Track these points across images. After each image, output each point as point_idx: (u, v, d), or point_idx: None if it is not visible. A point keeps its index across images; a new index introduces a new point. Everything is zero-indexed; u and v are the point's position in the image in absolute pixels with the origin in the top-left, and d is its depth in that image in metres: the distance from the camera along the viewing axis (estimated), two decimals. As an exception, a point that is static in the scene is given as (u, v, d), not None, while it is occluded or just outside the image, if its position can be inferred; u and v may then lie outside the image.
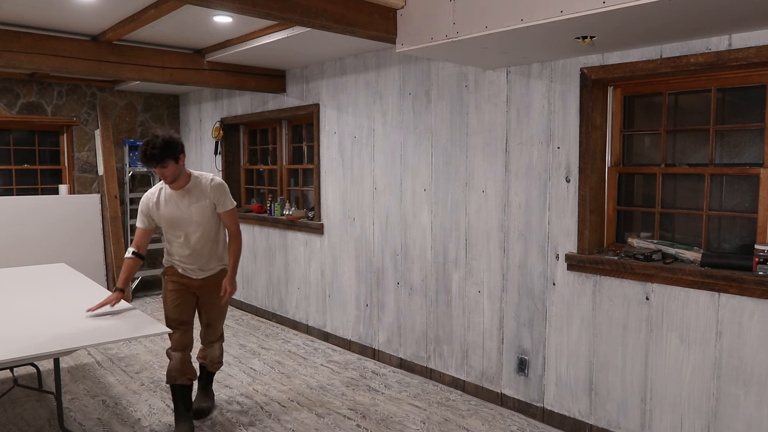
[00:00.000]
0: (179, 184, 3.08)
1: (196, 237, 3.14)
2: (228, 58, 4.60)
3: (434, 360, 4.06)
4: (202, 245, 3.16)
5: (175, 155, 2.96)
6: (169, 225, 3.13)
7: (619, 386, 3.07)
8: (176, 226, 3.12)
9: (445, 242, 3.91)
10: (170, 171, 2.97)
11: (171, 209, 3.10)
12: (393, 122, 4.21)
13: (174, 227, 3.13)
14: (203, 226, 3.14)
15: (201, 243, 3.16)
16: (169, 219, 3.11)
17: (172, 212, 3.10)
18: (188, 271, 3.20)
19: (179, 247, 3.16)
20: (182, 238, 3.14)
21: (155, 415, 3.49)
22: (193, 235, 3.13)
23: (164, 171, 2.95)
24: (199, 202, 3.11)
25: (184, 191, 3.10)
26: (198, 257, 3.18)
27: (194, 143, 6.72)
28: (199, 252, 3.17)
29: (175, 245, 3.17)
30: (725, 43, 2.61)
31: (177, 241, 3.15)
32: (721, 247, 2.91)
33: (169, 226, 3.13)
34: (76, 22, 3.75)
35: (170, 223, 3.12)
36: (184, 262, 3.18)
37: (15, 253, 5.66)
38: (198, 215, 3.12)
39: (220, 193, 3.18)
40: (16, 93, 5.82)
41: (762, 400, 2.58)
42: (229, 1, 2.49)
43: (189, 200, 3.10)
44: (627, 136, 3.23)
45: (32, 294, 3.50)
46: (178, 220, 3.11)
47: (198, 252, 3.17)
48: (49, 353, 2.50)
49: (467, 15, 2.68)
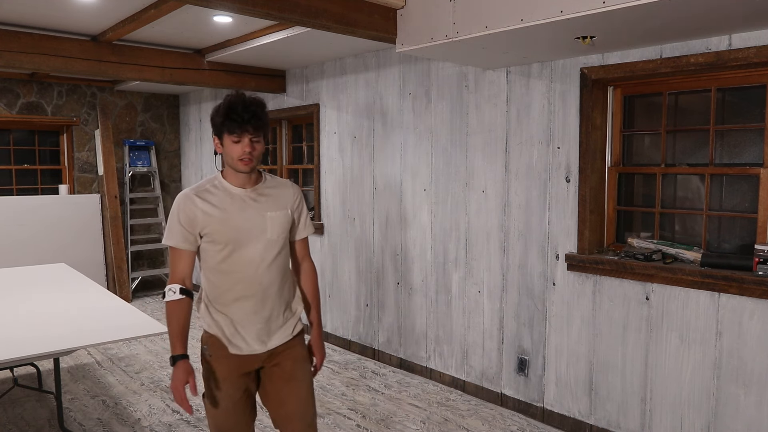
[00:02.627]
0: (251, 179, 2.03)
1: (266, 265, 2.00)
2: (228, 58, 4.60)
3: (434, 360, 4.06)
4: (272, 280, 2.02)
5: (269, 130, 2.04)
6: (227, 242, 1.96)
7: (619, 386, 3.07)
8: (238, 244, 1.97)
9: (445, 242, 3.91)
10: (259, 150, 1.95)
11: (234, 215, 1.97)
12: (393, 122, 4.21)
13: (235, 245, 1.97)
14: (278, 247, 2.04)
15: (273, 276, 2.02)
16: (229, 231, 1.96)
17: (235, 220, 1.96)
18: (247, 339, 2.01)
19: (236, 284, 1.98)
20: (244, 267, 1.98)
21: (155, 415, 3.49)
22: (263, 261, 1.99)
23: (251, 147, 1.92)
24: (278, 210, 2.05)
25: (254, 191, 2.03)
26: (265, 302, 2.01)
27: (194, 143, 6.72)
28: (267, 293, 2.01)
29: (228, 280, 1.99)
30: (725, 43, 2.61)
31: (233, 273, 1.98)
32: (721, 247, 2.91)
33: (225, 243, 1.96)
34: (76, 22, 3.75)
35: (229, 239, 1.96)
36: (242, 317, 2.00)
37: (15, 253, 5.66)
38: (276, 229, 2.03)
39: (304, 206, 2.19)
40: (16, 93, 5.82)
41: (762, 400, 2.58)
42: (229, 1, 2.49)
43: (264, 205, 2.02)
44: (627, 136, 3.23)
45: (32, 294, 3.50)
46: (243, 233, 1.97)
47: (266, 293, 2.01)
48: (49, 353, 2.50)
49: (467, 15, 2.68)
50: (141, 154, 6.65)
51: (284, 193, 2.12)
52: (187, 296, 1.99)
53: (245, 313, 2.00)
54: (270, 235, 2.01)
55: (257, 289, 2.00)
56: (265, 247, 2.01)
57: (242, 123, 1.88)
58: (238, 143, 1.91)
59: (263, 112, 1.96)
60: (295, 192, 2.17)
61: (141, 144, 6.60)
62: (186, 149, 6.90)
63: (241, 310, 2.00)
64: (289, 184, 2.17)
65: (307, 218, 2.23)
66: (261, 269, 2.00)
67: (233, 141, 1.91)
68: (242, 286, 1.99)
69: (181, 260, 1.99)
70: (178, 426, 3.35)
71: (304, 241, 2.23)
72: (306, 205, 2.23)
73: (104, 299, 3.31)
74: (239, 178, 2.01)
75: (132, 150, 6.57)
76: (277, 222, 2.04)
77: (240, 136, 1.90)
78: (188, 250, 1.99)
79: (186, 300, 1.99)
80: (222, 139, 1.94)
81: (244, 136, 1.90)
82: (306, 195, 5.54)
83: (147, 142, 6.65)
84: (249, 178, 2.03)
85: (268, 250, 2.01)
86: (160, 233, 6.84)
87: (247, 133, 1.90)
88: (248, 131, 1.90)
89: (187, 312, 1.99)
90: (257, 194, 2.04)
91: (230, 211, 1.98)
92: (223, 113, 1.90)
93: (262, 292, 2.01)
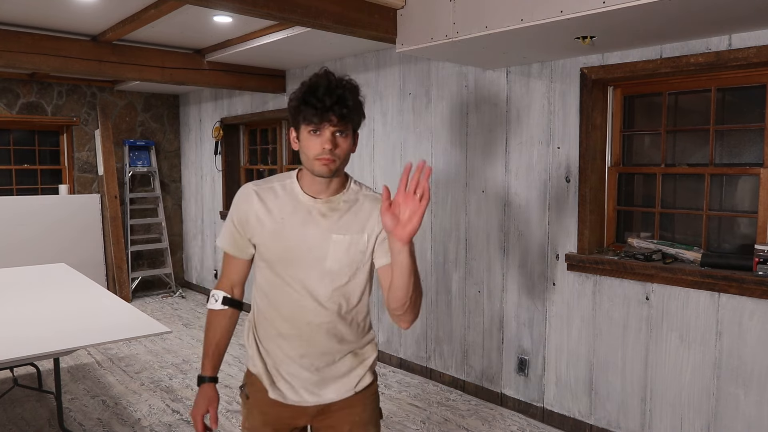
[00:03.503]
0: (331, 186, 1.57)
1: (320, 299, 1.57)
2: (228, 58, 4.60)
3: (434, 360, 4.06)
4: (328, 319, 1.58)
5: (360, 122, 1.56)
6: (274, 261, 1.59)
7: (619, 386, 3.07)
8: (286, 266, 1.57)
9: (445, 242, 3.91)
10: (345, 148, 1.51)
11: (289, 230, 1.56)
12: (393, 122, 4.21)
13: (282, 268, 1.58)
14: (341, 280, 1.58)
15: (329, 315, 1.58)
16: (278, 248, 1.57)
17: (288, 236, 1.56)
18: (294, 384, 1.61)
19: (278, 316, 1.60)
20: (288, 298, 1.58)
21: (155, 414, 3.49)
22: (314, 294, 1.57)
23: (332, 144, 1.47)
24: (348, 233, 1.57)
25: (327, 204, 1.58)
26: (315, 345, 1.59)
27: (194, 143, 6.72)
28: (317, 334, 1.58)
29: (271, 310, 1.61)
30: (725, 43, 2.61)
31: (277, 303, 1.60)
32: (721, 247, 2.91)
33: (272, 262, 1.59)
34: (76, 22, 3.75)
35: (277, 258, 1.58)
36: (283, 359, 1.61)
37: (15, 253, 5.66)
38: (339, 258, 1.57)
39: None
40: (16, 93, 5.82)
41: (762, 400, 2.58)
42: (229, 1, 2.49)
43: (331, 223, 1.57)
44: (627, 136, 3.23)
45: (32, 294, 3.50)
46: (296, 254, 1.56)
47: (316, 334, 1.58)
48: (49, 353, 2.49)
49: (467, 15, 2.68)
50: (141, 154, 6.65)
51: (365, 210, 1.60)
52: (231, 307, 1.67)
53: (287, 356, 1.60)
54: (330, 264, 1.55)
55: (303, 329, 1.58)
56: (320, 278, 1.56)
57: (323, 109, 1.44)
58: (317, 136, 1.47)
59: (354, 98, 1.49)
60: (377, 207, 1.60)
61: (141, 144, 6.60)
62: (186, 149, 6.91)
63: (281, 350, 1.60)
64: (377, 200, 1.61)
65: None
66: (310, 304, 1.57)
67: (310, 133, 1.48)
68: (284, 321, 1.59)
69: (231, 265, 1.67)
70: (178, 426, 3.35)
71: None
72: None
73: (104, 299, 3.30)
74: (315, 184, 1.56)
75: (132, 150, 6.57)
76: (342, 248, 1.56)
77: (319, 127, 1.46)
78: (239, 258, 1.65)
79: (229, 311, 1.67)
80: (298, 131, 1.52)
81: (324, 127, 1.46)
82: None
83: (147, 142, 6.64)
84: (328, 185, 1.56)
85: (324, 283, 1.56)
86: (160, 233, 6.84)
87: (329, 123, 1.46)
88: (330, 121, 1.45)
89: (226, 326, 1.67)
90: (329, 208, 1.57)
91: (287, 223, 1.56)
92: (301, 96, 1.48)
93: (310, 332, 1.58)
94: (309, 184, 1.58)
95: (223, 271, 1.70)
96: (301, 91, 1.49)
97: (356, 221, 1.59)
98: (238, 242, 1.63)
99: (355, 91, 1.51)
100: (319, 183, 1.56)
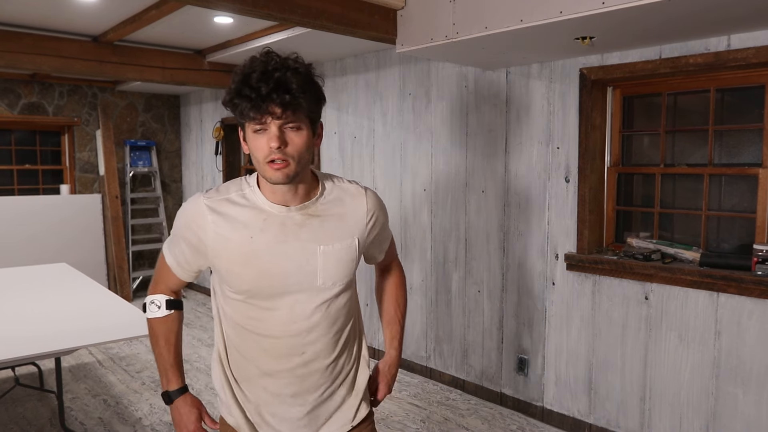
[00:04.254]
0: (300, 191, 1.31)
1: (312, 325, 1.34)
2: (229, 59, 4.61)
3: (434, 359, 4.07)
4: (323, 346, 1.36)
5: (319, 109, 1.28)
6: (248, 291, 1.31)
7: (618, 385, 3.08)
8: (267, 296, 1.31)
9: (445, 242, 3.92)
10: (299, 143, 1.23)
11: (263, 250, 1.29)
12: (393, 122, 4.22)
13: (261, 298, 1.31)
14: (332, 294, 1.35)
15: (324, 340, 1.36)
16: (252, 275, 1.29)
17: (264, 259, 1.29)
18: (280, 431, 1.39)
19: (263, 353, 1.34)
20: (275, 330, 1.32)
21: (156, 414, 3.50)
22: (307, 321, 1.33)
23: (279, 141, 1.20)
24: (337, 240, 1.34)
25: (302, 211, 1.32)
26: (308, 380, 1.37)
27: (195, 143, 6.73)
28: (312, 366, 1.36)
29: (252, 346, 1.35)
30: (724, 43, 2.62)
31: (259, 338, 1.34)
32: (720, 247, 2.92)
33: (246, 292, 1.31)
34: (77, 22, 3.76)
35: (252, 288, 1.30)
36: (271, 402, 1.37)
37: (16, 253, 5.67)
38: (332, 273, 1.34)
39: (383, 221, 1.48)
40: (18, 93, 5.84)
41: (761, 400, 2.59)
42: (229, 2, 2.50)
43: (315, 233, 1.32)
44: (626, 136, 3.24)
45: (33, 294, 3.51)
46: (277, 280, 1.30)
47: (310, 366, 1.36)
48: (51, 352, 2.50)
49: (467, 16, 2.68)
50: (142, 154, 6.66)
51: (351, 209, 1.37)
52: (176, 310, 1.46)
53: (273, 395, 1.35)
54: (322, 281, 1.31)
55: (296, 362, 1.33)
56: (309, 299, 1.31)
57: (260, 99, 1.16)
58: (262, 135, 1.21)
59: (301, 79, 1.20)
60: (371, 204, 1.40)
61: (142, 144, 6.61)
62: (187, 149, 6.92)
63: (266, 391, 1.35)
64: (359, 193, 1.40)
65: (386, 236, 1.52)
66: (303, 333, 1.32)
67: (255, 132, 1.21)
68: (271, 357, 1.33)
69: (171, 276, 1.43)
70: (178, 425, 3.35)
71: (388, 254, 1.58)
72: (386, 219, 1.49)
73: (105, 299, 3.31)
74: (278, 192, 1.29)
75: (133, 150, 6.58)
76: (333, 261, 1.32)
77: (261, 123, 1.19)
78: (178, 276, 1.43)
79: (175, 314, 1.46)
80: (245, 131, 1.26)
81: (267, 121, 1.18)
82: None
83: (148, 142, 6.66)
84: (295, 191, 1.29)
85: (314, 304, 1.32)
86: (160, 233, 6.85)
87: (271, 116, 1.17)
88: (272, 113, 1.17)
89: (177, 330, 1.46)
90: (307, 215, 1.31)
91: (258, 242, 1.27)
92: (234, 87, 1.21)
93: (303, 365, 1.33)
94: (272, 192, 1.29)
95: (159, 277, 1.45)
96: (234, 81, 1.21)
97: (343, 225, 1.34)
98: (184, 266, 1.38)
99: (302, 70, 1.22)
100: (281, 190, 1.28)
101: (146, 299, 1.48)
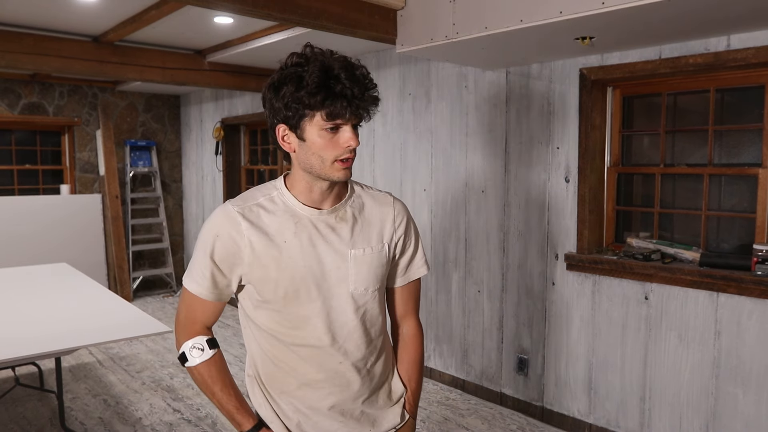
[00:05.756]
0: (334, 191, 1.31)
1: (349, 331, 1.32)
2: (229, 59, 4.61)
3: (434, 359, 4.07)
4: (361, 353, 1.34)
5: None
6: (281, 298, 1.27)
7: (618, 385, 3.08)
8: (300, 301, 1.27)
9: (445, 242, 3.92)
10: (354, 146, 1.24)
11: (295, 254, 1.26)
12: (393, 122, 4.22)
13: (294, 304, 1.27)
14: (365, 302, 1.34)
15: (361, 347, 1.34)
16: (284, 280, 1.26)
17: (295, 263, 1.26)
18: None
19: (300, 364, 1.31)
20: (310, 338, 1.29)
21: (156, 414, 3.51)
22: (343, 327, 1.31)
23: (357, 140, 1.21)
24: (367, 244, 1.33)
25: (333, 214, 1.31)
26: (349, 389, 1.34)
27: (195, 143, 6.74)
28: (350, 375, 1.33)
29: (288, 357, 1.32)
30: (724, 43, 2.62)
31: (295, 347, 1.30)
32: (719, 246, 2.92)
33: (279, 301, 1.27)
34: (77, 22, 3.76)
35: (284, 294, 1.26)
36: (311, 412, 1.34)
37: (16, 253, 5.67)
38: (363, 278, 1.32)
39: (413, 234, 1.47)
40: (18, 93, 5.84)
41: (760, 399, 2.59)
42: (229, 2, 2.50)
43: (345, 237, 1.31)
44: (626, 136, 3.24)
45: (33, 293, 3.51)
46: (310, 284, 1.27)
47: (348, 375, 1.33)
48: (51, 352, 2.51)
49: (467, 16, 2.69)
50: (142, 154, 6.66)
51: (377, 214, 1.35)
52: (217, 348, 1.34)
53: (315, 411, 1.32)
54: (354, 287, 1.29)
55: (334, 370, 1.30)
56: (345, 306, 1.29)
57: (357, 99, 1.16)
58: (334, 134, 1.18)
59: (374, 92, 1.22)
60: (399, 212, 1.40)
61: (142, 144, 6.61)
62: (187, 149, 6.92)
63: (304, 403, 1.32)
64: (388, 200, 1.39)
65: (418, 254, 1.47)
66: (340, 340, 1.29)
67: (326, 131, 1.18)
68: (310, 366, 1.29)
69: (204, 307, 1.31)
70: (179, 425, 3.36)
71: (408, 288, 1.47)
72: (417, 232, 1.47)
73: (105, 299, 3.32)
74: (315, 192, 1.26)
75: (133, 150, 6.58)
76: (365, 266, 1.30)
77: (344, 121, 1.18)
78: (212, 301, 1.30)
79: (219, 353, 1.34)
80: (301, 128, 1.19)
81: (348, 121, 1.18)
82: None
83: (148, 142, 6.66)
84: (330, 192, 1.28)
85: (350, 310, 1.29)
86: (161, 233, 6.86)
87: (355, 117, 1.19)
88: (358, 115, 1.19)
89: (226, 368, 1.34)
90: (337, 218, 1.30)
91: (291, 247, 1.24)
92: (316, 82, 1.14)
93: (342, 374, 1.31)
94: (306, 193, 1.27)
95: (188, 318, 1.32)
96: (313, 75, 1.15)
97: (373, 230, 1.33)
98: (219, 284, 1.27)
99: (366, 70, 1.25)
100: (320, 190, 1.26)
101: (183, 347, 1.31)
